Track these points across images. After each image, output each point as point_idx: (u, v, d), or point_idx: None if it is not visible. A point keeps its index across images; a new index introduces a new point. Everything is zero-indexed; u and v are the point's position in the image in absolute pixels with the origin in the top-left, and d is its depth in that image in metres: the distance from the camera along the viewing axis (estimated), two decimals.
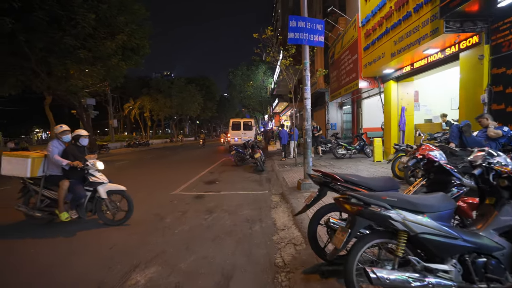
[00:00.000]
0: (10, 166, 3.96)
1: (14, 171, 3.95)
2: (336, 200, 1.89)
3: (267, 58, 10.44)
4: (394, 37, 7.66)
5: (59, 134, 4.17)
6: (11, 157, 4.00)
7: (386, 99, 9.89)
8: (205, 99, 44.10)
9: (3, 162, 4.00)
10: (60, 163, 3.92)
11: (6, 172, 4.00)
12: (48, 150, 4.01)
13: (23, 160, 3.91)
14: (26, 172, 3.89)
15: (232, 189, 6.36)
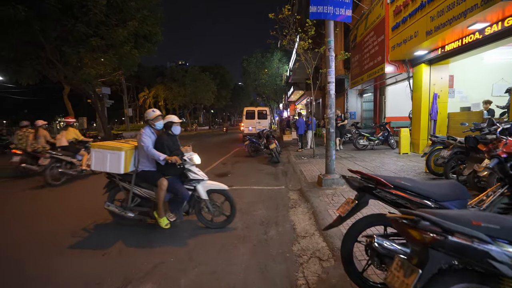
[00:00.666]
0: (102, 161, 3.40)
1: (106, 166, 3.38)
2: (395, 222, 1.28)
3: (284, 41, 9.65)
4: (431, 12, 6.67)
5: (152, 120, 3.47)
6: (102, 150, 3.42)
7: (416, 84, 8.89)
8: (219, 87, 43.60)
9: (94, 156, 3.47)
10: (157, 157, 3.25)
11: (98, 168, 3.47)
12: (142, 140, 3.31)
13: (115, 154, 3.31)
14: (119, 168, 3.31)
15: (245, 184, 5.84)
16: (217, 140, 19.58)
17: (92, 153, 3.48)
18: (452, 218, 1.17)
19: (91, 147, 3.55)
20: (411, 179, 1.88)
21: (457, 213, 1.23)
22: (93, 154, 3.48)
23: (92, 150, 3.50)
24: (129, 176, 3.46)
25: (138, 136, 3.43)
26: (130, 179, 3.46)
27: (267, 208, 4.18)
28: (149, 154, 3.30)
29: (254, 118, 17.39)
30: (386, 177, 1.84)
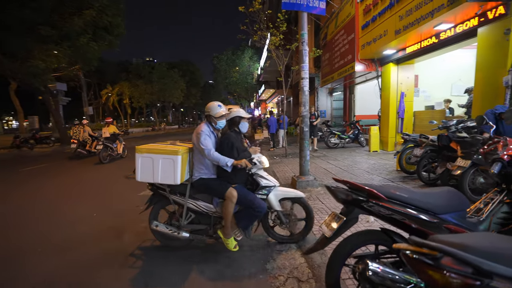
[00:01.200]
0: (151, 169, 2.65)
1: (157, 175, 2.64)
2: (408, 258, 0.94)
3: (255, 36, 9.28)
4: (400, 11, 6.72)
5: (216, 118, 2.76)
6: (152, 154, 2.67)
7: (385, 83, 9.06)
8: (188, 85, 42.22)
9: (140, 163, 2.71)
10: (224, 163, 2.59)
11: (145, 178, 2.71)
12: (203, 143, 2.60)
13: (170, 159, 2.60)
14: (175, 177, 2.60)
15: None
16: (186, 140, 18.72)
17: (138, 160, 2.70)
18: (486, 252, 0.86)
19: (136, 153, 2.75)
20: (407, 189, 1.59)
21: (488, 240, 0.92)
22: (138, 161, 2.69)
23: (138, 157, 2.70)
24: (181, 187, 2.76)
25: (195, 137, 2.70)
26: (182, 190, 2.76)
27: None
28: (212, 160, 2.63)
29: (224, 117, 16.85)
30: (379, 188, 1.53)
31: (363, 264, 1.39)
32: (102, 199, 5.11)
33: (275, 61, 9.43)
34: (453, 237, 0.96)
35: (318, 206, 3.79)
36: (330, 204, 3.80)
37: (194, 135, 2.71)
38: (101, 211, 4.25)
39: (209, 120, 2.81)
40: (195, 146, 2.71)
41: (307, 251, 1.71)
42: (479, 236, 0.99)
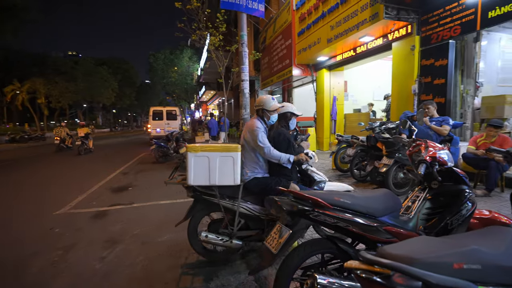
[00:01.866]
0: (206, 169, 2.31)
1: (214, 176, 2.31)
2: (360, 278, 0.87)
3: (193, 35, 8.88)
4: (331, 22, 7.26)
5: (269, 112, 2.58)
6: (209, 153, 2.32)
7: (319, 88, 9.71)
8: (121, 84, 38.46)
9: (193, 164, 2.31)
10: (285, 160, 2.42)
11: (200, 180, 2.33)
12: (260, 140, 2.41)
13: (229, 157, 2.33)
14: (235, 177, 2.34)
15: (150, 198, 4.85)
16: (119, 145, 16.91)
17: (191, 161, 2.30)
18: (431, 264, 0.84)
19: (188, 152, 2.33)
20: (349, 194, 1.60)
21: (430, 249, 0.91)
22: (191, 161, 2.30)
23: (190, 156, 2.31)
24: (229, 190, 2.42)
25: (248, 134, 2.50)
26: (231, 193, 2.42)
27: (177, 229, 3.41)
28: (271, 158, 2.43)
29: (162, 119, 15.80)
30: (324, 195, 1.49)
31: (311, 278, 1.31)
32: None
33: (215, 62, 9.21)
34: (398, 248, 0.94)
35: None
36: None
37: (247, 132, 2.53)
38: None
39: (260, 115, 2.62)
40: (249, 144, 2.50)
41: (253, 270, 1.57)
42: (420, 244, 0.99)
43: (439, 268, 0.83)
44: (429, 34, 5.60)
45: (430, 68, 5.62)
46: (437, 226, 1.68)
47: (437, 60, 5.48)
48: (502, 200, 3.73)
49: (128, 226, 3.59)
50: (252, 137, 2.47)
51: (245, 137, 2.57)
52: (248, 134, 2.52)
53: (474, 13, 4.79)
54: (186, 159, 2.32)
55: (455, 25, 5.11)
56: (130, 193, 5.27)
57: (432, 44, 5.56)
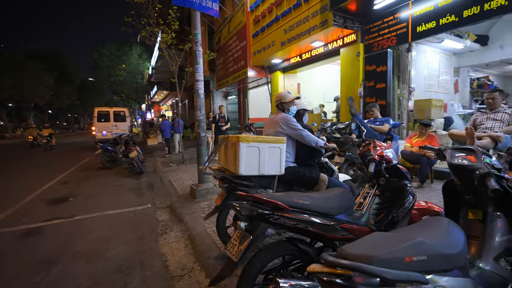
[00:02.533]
0: (256, 160, 2.31)
1: (263, 166, 2.32)
2: (322, 282, 0.87)
3: (143, 31, 8.34)
4: (284, 25, 7.48)
5: (287, 104, 2.80)
6: (260, 144, 2.33)
7: (274, 89, 9.94)
8: (59, 82, 34.24)
9: (245, 154, 2.27)
10: (321, 142, 2.63)
11: (250, 170, 2.29)
12: (297, 126, 2.61)
13: (276, 148, 2.38)
14: (281, 167, 2.41)
15: (95, 208, 4.38)
16: (59, 149, 15.05)
17: (243, 151, 2.30)
18: (387, 260, 0.88)
19: (240, 142, 2.29)
20: (306, 195, 1.62)
21: (384, 245, 0.96)
22: (243, 151, 2.30)
23: (243, 147, 2.29)
24: (265, 181, 2.49)
25: (283, 125, 2.62)
26: (266, 184, 2.49)
27: (127, 241, 3.14)
28: (310, 141, 2.60)
29: (109, 121, 14.53)
30: (282, 198, 1.48)
31: (273, 283, 1.29)
32: None
33: (168, 61, 8.78)
34: (356, 248, 0.97)
35: None
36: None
37: (281, 122, 2.63)
38: None
39: (281, 108, 2.81)
40: (284, 133, 2.62)
41: (213, 281, 1.49)
42: (375, 241, 1.04)
43: (393, 264, 0.87)
44: (371, 42, 6.13)
45: (373, 73, 6.15)
46: (385, 219, 1.81)
47: (378, 67, 6.03)
48: (432, 190, 4.25)
49: (68, 242, 3.17)
50: (287, 125, 2.62)
51: (279, 128, 2.64)
52: (283, 125, 2.63)
53: (406, 27, 5.39)
54: (238, 149, 2.29)
55: (392, 36, 5.68)
56: (71, 205, 4.69)
57: (374, 52, 6.10)
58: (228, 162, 2.49)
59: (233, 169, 2.36)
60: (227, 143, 2.54)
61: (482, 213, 1.48)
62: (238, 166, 2.28)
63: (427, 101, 5.80)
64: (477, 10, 4.37)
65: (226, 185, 2.46)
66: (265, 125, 2.94)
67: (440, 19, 4.78)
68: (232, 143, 2.39)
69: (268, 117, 3.05)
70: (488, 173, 1.36)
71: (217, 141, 6.49)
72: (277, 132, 2.66)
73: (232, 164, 2.38)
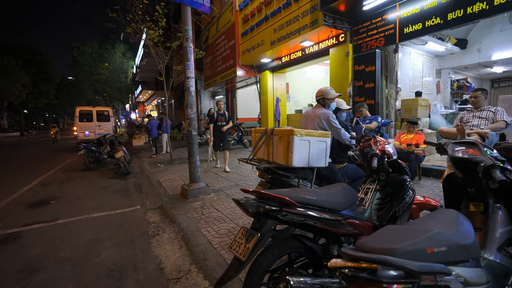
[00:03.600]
0: (306, 152, 2.44)
1: (312, 159, 2.47)
2: (346, 277, 0.83)
3: (128, 28, 8.08)
4: (274, 25, 7.47)
5: (329, 100, 2.93)
6: (310, 138, 2.45)
7: (263, 89, 9.93)
8: (35, 80, 32.65)
9: (298, 146, 2.38)
10: (353, 141, 2.79)
11: (300, 162, 2.41)
12: (335, 123, 2.77)
13: (323, 142, 2.53)
14: (325, 160, 2.57)
15: (80, 211, 4.17)
16: (37, 152, 14.34)
17: (296, 143, 2.37)
18: (410, 252, 0.85)
19: (294, 135, 2.37)
20: (313, 190, 1.59)
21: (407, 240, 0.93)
22: (296, 144, 2.37)
23: (296, 140, 2.37)
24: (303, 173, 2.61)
25: (323, 121, 2.78)
26: (305, 176, 2.62)
27: (117, 245, 3.00)
28: (345, 139, 2.80)
29: (92, 121, 13.99)
30: (290, 193, 1.44)
31: (283, 281, 1.25)
32: None
33: (153, 60, 8.56)
34: (375, 241, 0.94)
35: (214, 214, 3.55)
36: (226, 211, 3.64)
37: (323, 118, 2.76)
38: None
39: (322, 103, 2.92)
40: (323, 128, 2.77)
41: (219, 282, 1.41)
42: (391, 234, 1.02)
43: (416, 255, 0.85)
44: (360, 43, 6.23)
45: (361, 73, 6.25)
46: (388, 214, 1.81)
47: (367, 66, 6.14)
48: (421, 187, 4.35)
49: (52, 248, 2.98)
50: (327, 122, 2.77)
51: (319, 124, 2.79)
52: (323, 121, 2.77)
53: (394, 28, 5.52)
54: (291, 142, 2.36)
55: (380, 36, 5.80)
56: (54, 208, 4.44)
57: (362, 52, 6.20)
58: (275, 154, 2.56)
59: (282, 160, 2.45)
60: (271, 136, 2.63)
61: (484, 205, 1.51)
62: (290, 158, 2.38)
63: (413, 100, 5.96)
64: (461, 13, 4.54)
65: (270, 176, 2.57)
66: (303, 119, 3.06)
67: (426, 21, 4.93)
68: (282, 136, 2.48)
69: (306, 112, 3.08)
70: (493, 164, 1.38)
71: (218, 144, 6.42)
72: (317, 127, 2.79)
73: (281, 156, 2.46)
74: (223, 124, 6.33)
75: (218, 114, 6.33)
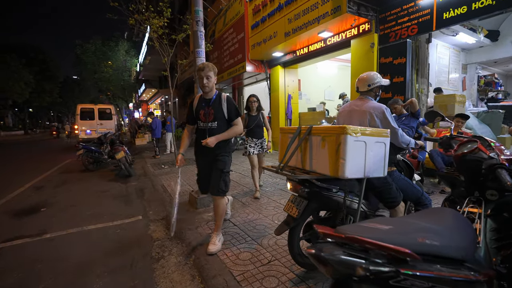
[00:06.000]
0: (361, 157, 1.76)
1: (369, 166, 1.79)
2: None
3: (130, 20, 7.52)
4: (289, 14, 6.83)
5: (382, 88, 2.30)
6: (367, 137, 1.77)
7: (274, 85, 9.30)
8: (39, 78, 32.38)
9: (351, 150, 1.70)
10: (413, 144, 2.12)
11: (354, 172, 1.73)
12: (393, 122, 2.04)
13: (380, 143, 1.85)
14: (384, 167, 1.89)
15: (72, 223, 3.58)
16: (37, 150, 13.88)
17: (349, 145, 1.68)
18: None
19: (346, 134, 1.67)
20: (432, 229, 0.97)
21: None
22: (350, 147, 1.68)
23: (349, 140, 1.68)
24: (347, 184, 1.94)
25: (370, 113, 2.04)
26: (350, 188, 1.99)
27: (113, 271, 2.40)
28: (402, 142, 2.08)
29: (94, 119, 13.49)
30: (399, 237, 0.83)
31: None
32: None
33: (157, 58, 8.02)
34: None
35: (231, 231, 2.94)
36: (244, 226, 3.03)
37: (375, 114, 2.05)
38: None
39: (376, 93, 2.23)
40: (384, 125, 2.04)
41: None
42: None
43: None
44: (388, 32, 5.58)
45: (389, 66, 5.60)
46: None
47: (395, 59, 5.48)
48: None
49: (30, 276, 2.38)
50: (383, 119, 2.04)
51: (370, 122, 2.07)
52: (376, 118, 2.04)
53: (430, 14, 4.86)
54: (344, 144, 1.69)
55: (412, 24, 5.14)
56: (43, 217, 3.86)
57: (390, 43, 5.55)
58: (316, 161, 1.89)
59: (327, 169, 1.77)
60: (308, 137, 1.92)
61: None
62: (342, 166, 1.69)
63: (450, 96, 5.30)
64: None
65: (307, 189, 1.91)
66: (342, 115, 2.29)
67: (473, 3, 4.26)
68: (327, 136, 1.79)
69: (345, 106, 2.32)
70: None
71: None
72: (370, 125, 2.06)
73: (325, 163, 1.80)
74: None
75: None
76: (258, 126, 4.37)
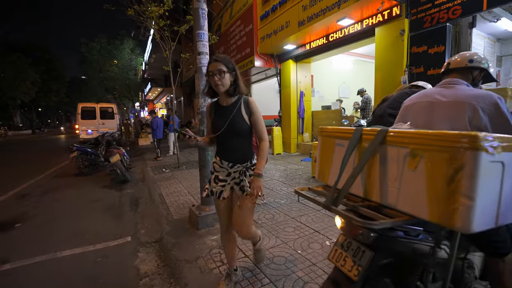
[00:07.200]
0: (498, 188, 0.83)
1: (505, 205, 0.83)
2: None
3: (129, 11, 6.89)
4: (303, 1, 6.08)
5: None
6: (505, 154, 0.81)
7: (285, 81, 8.54)
8: (45, 78, 32.31)
9: (486, 177, 0.78)
10: None
11: (485, 220, 0.80)
12: (504, 112, 1.23)
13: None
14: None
15: (45, 246, 2.91)
16: (39, 150, 13.46)
17: (480, 171, 0.77)
18: None
19: (483, 152, 0.77)
20: None
21: None
22: (481, 173, 0.78)
23: (483, 161, 0.78)
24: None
25: (474, 106, 1.25)
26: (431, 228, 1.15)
27: None
28: None
29: (95, 118, 12.99)
30: None
31: None
32: None
33: (162, 56, 7.42)
34: None
35: (243, 265, 2.23)
36: None
37: (480, 107, 1.25)
38: None
39: (475, 77, 1.49)
40: (479, 127, 1.24)
41: None
42: None
43: None
44: (421, 16, 4.77)
45: (422, 56, 4.80)
46: None
47: (431, 47, 4.68)
48: None
49: None
50: (495, 118, 1.25)
51: (457, 123, 1.29)
52: (480, 113, 1.25)
53: None
54: (469, 167, 0.81)
55: (454, 5, 4.33)
56: (13, 236, 3.21)
57: (425, 29, 4.74)
58: (399, 191, 1.00)
59: (426, 211, 0.90)
60: (380, 147, 1.06)
61: None
62: (465, 211, 0.81)
63: (502, 90, 4.46)
64: None
65: (374, 234, 1.12)
66: (412, 111, 1.50)
67: None
68: (429, 151, 0.91)
69: (421, 94, 1.51)
70: None
71: None
72: (468, 126, 1.26)
73: (425, 199, 0.90)
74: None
75: None
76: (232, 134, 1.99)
